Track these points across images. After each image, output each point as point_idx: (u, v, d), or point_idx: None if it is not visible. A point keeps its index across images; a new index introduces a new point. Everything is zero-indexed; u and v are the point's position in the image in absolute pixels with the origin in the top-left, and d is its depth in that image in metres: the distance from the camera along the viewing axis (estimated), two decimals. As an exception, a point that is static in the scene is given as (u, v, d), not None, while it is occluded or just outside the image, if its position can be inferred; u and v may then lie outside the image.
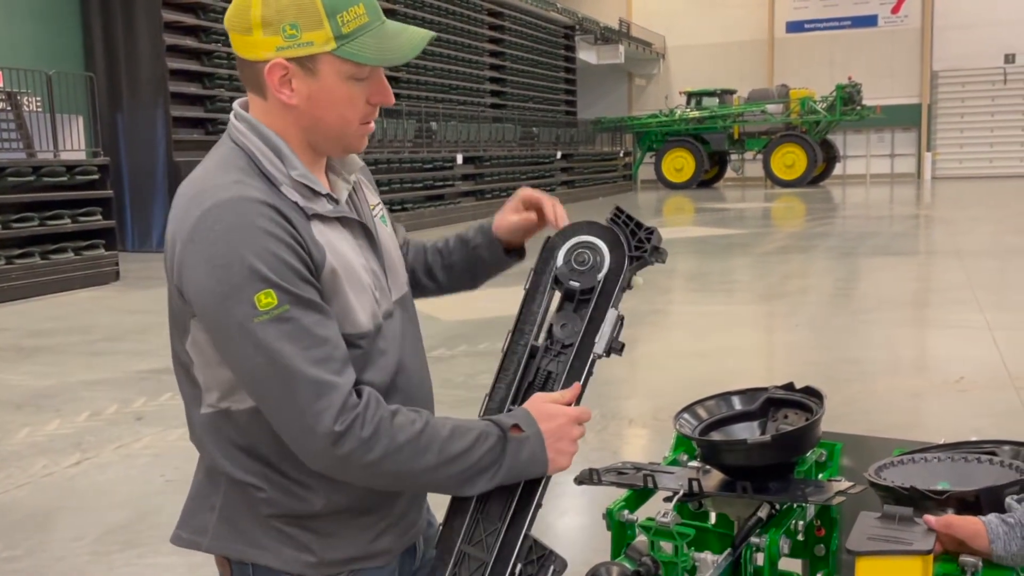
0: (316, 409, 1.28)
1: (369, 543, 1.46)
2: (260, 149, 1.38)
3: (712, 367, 6.67)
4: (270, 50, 1.34)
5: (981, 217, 18.09)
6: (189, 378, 1.42)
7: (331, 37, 1.33)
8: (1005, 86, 34.42)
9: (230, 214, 1.29)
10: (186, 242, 1.30)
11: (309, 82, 1.35)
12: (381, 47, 1.36)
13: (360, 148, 1.46)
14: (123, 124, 15.19)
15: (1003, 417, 5.20)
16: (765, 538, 1.63)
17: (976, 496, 1.45)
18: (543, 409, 1.43)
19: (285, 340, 1.27)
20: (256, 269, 1.27)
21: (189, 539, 1.48)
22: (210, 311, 1.29)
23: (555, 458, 1.42)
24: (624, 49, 34.07)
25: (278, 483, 1.40)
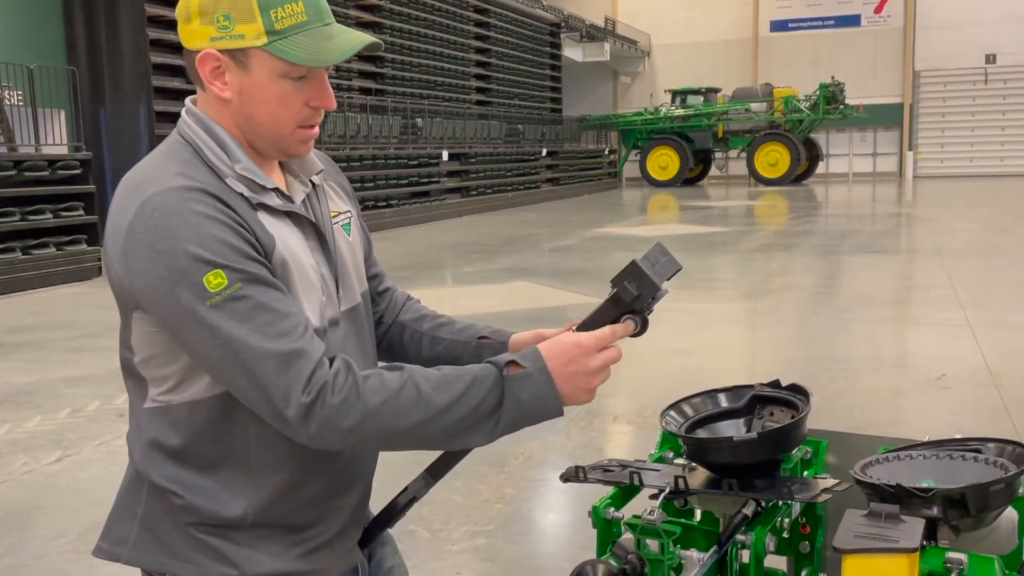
0: (282, 383, 1.24)
1: (298, 559, 1.40)
2: (204, 141, 1.36)
3: (696, 364, 6.68)
4: (204, 40, 1.32)
5: (961, 216, 18.22)
6: (133, 373, 1.40)
7: (263, 32, 1.30)
8: (986, 86, 34.71)
9: (169, 202, 1.26)
10: (127, 232, 1.27)
11: (241, 76, 1.33)
12: (314, 46, 1.32)
13: (301, 153, 1.42)
14: (106, 119, 15.08)
15: (984, 414, 5.24)
16: (751, 535, 1.63)
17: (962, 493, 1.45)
18: (551, 344, 1.36)
19: (241, 319, 1.24)
20: (199, 254, 1.24)
21: (109, 551, 1.44)
22: (160, 301, 1.26)
23: (572, 394, 1.35)
24: (609, 47, 34.12)
25: (197, 487, 1.36)
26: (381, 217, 17.88)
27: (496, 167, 24.08)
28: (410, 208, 19.36)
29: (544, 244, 15.07)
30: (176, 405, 1.36)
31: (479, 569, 3.51)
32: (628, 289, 1.41)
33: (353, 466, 1.48)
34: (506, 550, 3.66)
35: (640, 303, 1.42)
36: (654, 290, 1.42)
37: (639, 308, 1.43)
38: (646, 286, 1.41)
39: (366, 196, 17.97)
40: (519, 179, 25.46)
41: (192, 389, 1.35)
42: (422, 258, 13.25)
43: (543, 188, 26.99)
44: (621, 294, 1.41)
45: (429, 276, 11.29)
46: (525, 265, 12.26)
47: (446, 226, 18.75)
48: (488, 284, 10.52)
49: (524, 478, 4.42)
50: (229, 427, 1.36)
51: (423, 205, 19.96)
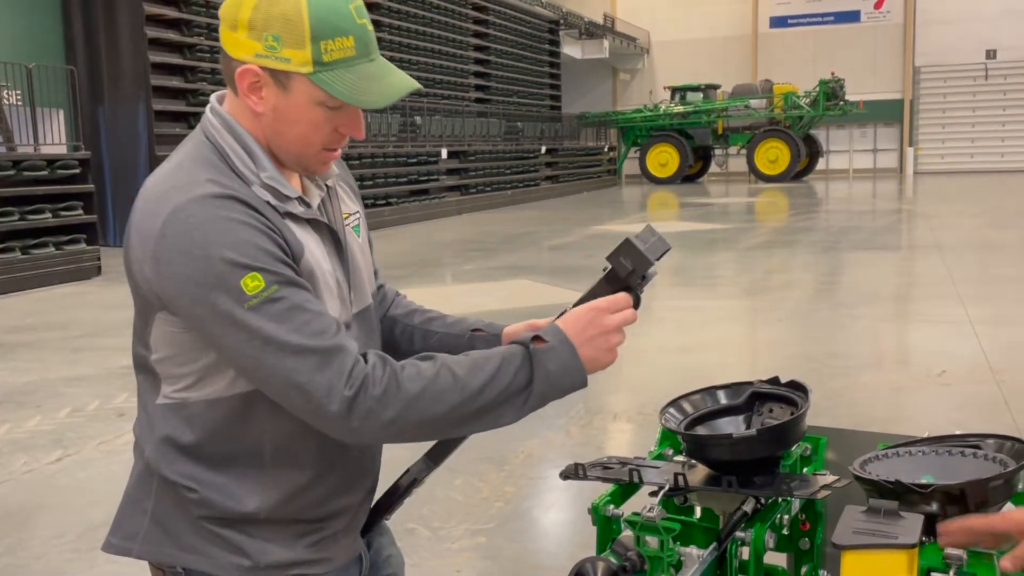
0: (323, 379, 1.26)
1: (306, 549, 1.42)
2: (232, 147, 1.37)
3: (696, 362, 6.68)
4: (248, 53, 1.32)
5: (962, 211, 18.22)
6: (147, 369, 1.40)
7: (309, 60, 1.31)
8: (986, 82, 34.69)
9: (202, 208, 1.27)
10: (159, 237, 1.28)
11: (278, 95, 1.34)
12: (357, 86, 1.32)
13: (320, 172, 1.44)
14: (104, 118, 15.07)
15: (985, 410, 5.24)
16: (750, 532, 1.62)
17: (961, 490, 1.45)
18: (567, 316, 1.40)
19: (278, 320, 1.26)
20: (234, 259, 1.25)
21: (120, 545, 1.45)
22: (195, 305, 1.27)
23: (595, 356, 1.39)
24: (608, 44, 34.10)
25: (211, 483, 1.38)
26: (380, 215, 17.88)
27: (495, 165, 24.07)
28: (409, 206, 19.35)
29: (544, 242, 15.07)
30: (193, 402, 1.37)
31: (479, 567, 3.51)
32: (623, 264, 1.45)
33: (362, 465, 1.50)
34: (506, 548, 3.66)
35: (633, 279, 1.46)
36: (647, 266, 1.46)
37: (632, 285, 1.47)
38: (640, 262, 1.45)
39: (365, 194, 17.96)
40: (518, 177, 25.46)
41: (210, 387, 1.36)
42: (421, 256, 13.25)
43: (542, 186, 26.98)
44: (617, 269, 1.45)
45: (428, 274, 11.29)
46: (524, 263, 12.26)
47: (445, 224, 18.75)
48: (487, 282, 10.51)
49: (524, 476, 4.42)
50: (245, 426, 1.37)
51: (422, 203, 19.95)
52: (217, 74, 16.35)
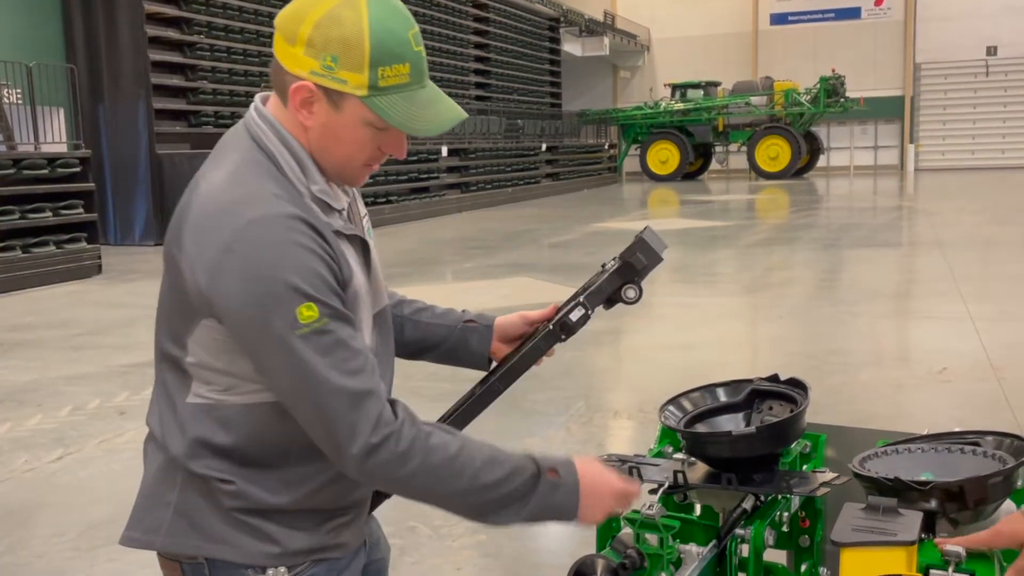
0: (352, 419, 1.31)
1: (326, 535, 1.47)
2: (284, 157, 1.39)
3: (697, 359, 6.68)
4: (304, 70, 1.34)
5: (963, 208, 18.21)
6: (178, 368, 1.42)
7: (365, 84, 1.33)
8: (987, 78, 34.64)
9: (272, 229, 1.30)
10: (224, 250, 1.30)
11: (329, 113, 1.36)
12: (410, 112, 1.36)
13: (357, 184, 1.49)
14: (105, 116, 15.07)
15: (985, 407, 5.24)
16: (750, 530, 1.63)
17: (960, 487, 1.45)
18: (591, 469, 1.46)
19: (322, 352, 1.30)
20: (297, 285, 1.29)
21: (142, 539, 1.46)
22: (249, 322, 1.30)
23: (589, 510, 1.45)
24: (609, 41, 34.06)
25: (246, 476, 1.41)
26: (380, 213, 17.87)
27: (495, 162, 24.05)
28: (409, 204, 19.35)
29: (544, 239, 15.07)
30: (227, 405, 1.40)
31: (480, 565, 3.51)
32: (640, 259, 1.62)
33: None
34: (507, 546, 3.66)
35: (643, 274, 1.63)
36: (657, 261, 1.63)
37: (639, 279, 1.63)
38: (652, 258, 1.63)
39: (366, 192, 17.91)
40: (519, 174, 25.44)
41: (247, 393, 1.39)
42: (422, 254, 13.24)
43: (543, 183, 26.97)
44: (633, 263, 1.62)
45: (429, 272, 11.28)
46: (525, 261, 12.26)
47: (445, 222, 18.74)
48: (488, 280, 10.51)
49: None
50: (278, 429, 1.41)
51: (422, 201, 19.95)
52: (218, 72, 16.36)
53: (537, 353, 1.67)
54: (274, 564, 1.42)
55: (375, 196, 18.32)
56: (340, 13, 1.31)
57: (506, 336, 1.75)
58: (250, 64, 17.03)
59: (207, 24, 16.08)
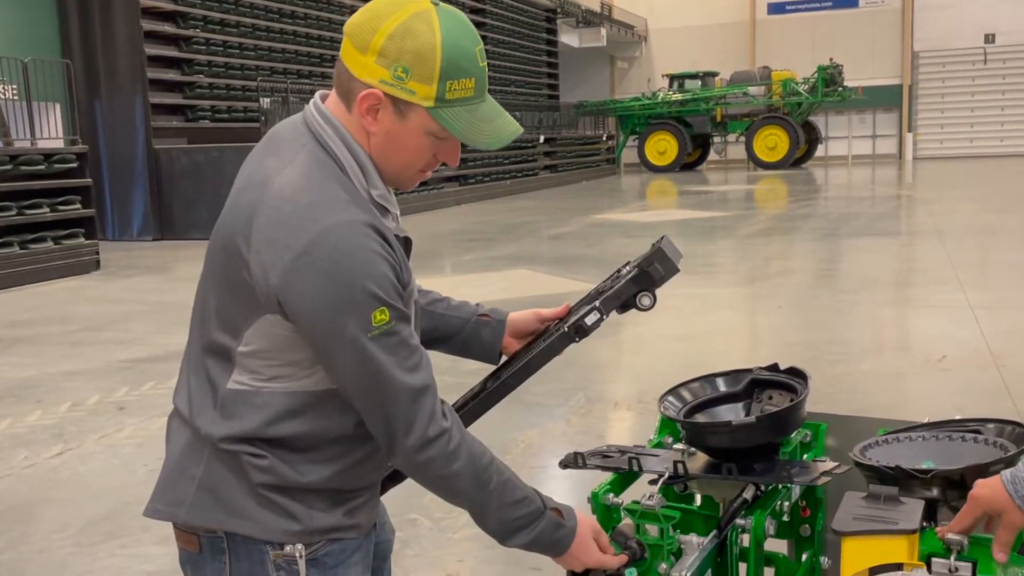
0: (410, 413, 1.40)
1: (344, 515, 1.51)
2: (348, 162, 1.44)
3: (696, 349, 6.68)
4: (374, 78, 1.38)
5: (961, 197, 18.20)
6: (223, 356, 1.46)
7: (433, 96, 1.39)
8: (985, 66, 34.58)
9: (351, 237, 1.36)
10: (303, 253, 1.34)
11: (394, 121, 1.41)
12: (472, 125, 1.43)
13: (409, 187, 1.55)
14: (101, 112, 15.03)
15: (986, 395, 5.24)
16: (751, 519, 1.62)
17: (961, 475, 1.45)
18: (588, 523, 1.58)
19: (389, 352, 1.38)
20: (373, 291, 1.36)
21: (165, 511, 1.51)
22: (324, 323, 1.36)
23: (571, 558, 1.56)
24: (606, 32, 33.98)
25: (280, 455, 1.46)
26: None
27: (494, 154, 24.01)
28: (407, 197, 19.29)
29: (543, 231, 15.06)
30: (268, 392, 1.45)
31: (481, 557, 3.51)
32: (658, 269, 1.65)
33: None
34: (508, 537, 3.66)
35: (660, 283, 1.67)
36: (674, 272, 1.66)
37: (655, 287, 1.67)
38: (669, 269, 1.66)
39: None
40: (517, 166, 25.40)
41: (292, 381, 1.45)
42: (421, 247, 13.15)
43: (541, 175, 26.94)
44: (651, 273, 1.65)
45: (428, 265, 11.27)
46: (524, 253, 12.25)
47: (444, 215, 18.73)
48: (488, 272, 10.51)
49: (524, 465, 4.42)
50: (314, 416, 1.46)
51: (420, 194, 19.91)
52: (215, 66, 16.32)
53: (551, 353, 1.69)
54: (292, 541, 1.46)
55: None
56: (414, 26, 1.36)
57: (518, 332, 1.78)
58: (246, 58, 16.99)
59: (203, 18, 16.04)
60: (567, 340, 1.67)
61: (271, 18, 17.70)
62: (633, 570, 1.55)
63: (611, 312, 1.67)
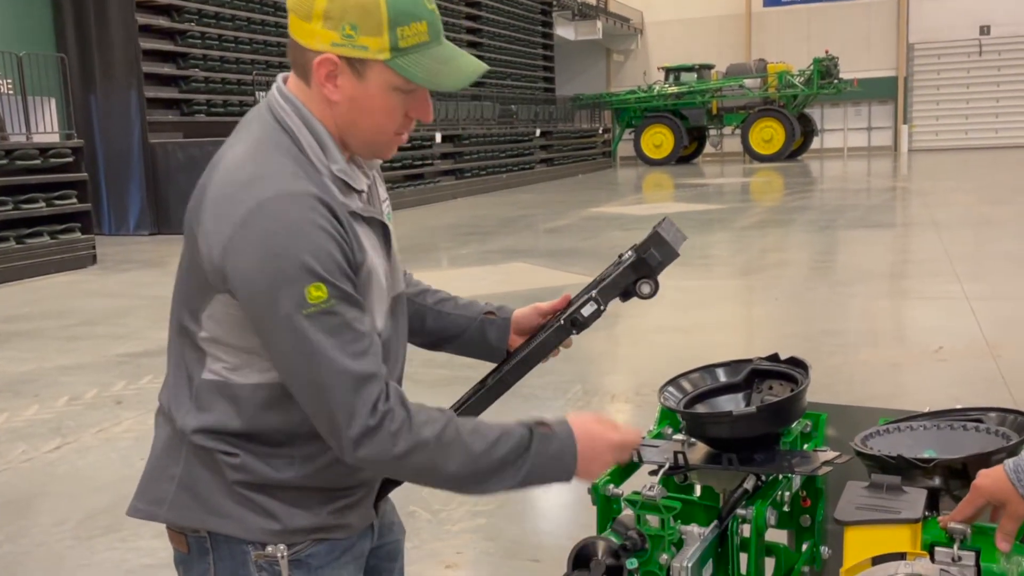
0: (350, 402, 1.32)
1: (330, 515, 1.48)
2: (304, 136, 1.40)
3: (694, 341, 6.69)
4: (325, 43, 1.35)
5: (957, 188, 18.21)
6: (193, 344, 1.43)
7: (386, 47, 1.34)
8: (980, 58, 34.56)
9: (288, 207, 1.31)
10: (240, 226, 1.31)
11: (354, 84, 1.37)
12: (433, 69, 1.37)
13: (387, 156, 1.49)
14: (97, 106, 14.99)
15: (982, 385, 5.25)
16: (751, 510, 1.62)
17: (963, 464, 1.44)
18: (584, 421, 1.47)
19: (329, 333, 1.31)
20: (309, 264, 1.29)
21: (146, 510, 1.49)
22: (259, 298, 1.31)
23: (584, 470, 1.46)
24: (602, 25, 33.91)
25: (252, 450, 1.42)
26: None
27: (490, 148, 23.97)
28: (404, 191, 19.29)
29: (539, 225, 15.05)
30: (238, 385, 1.41)
31: (480, 548, 3.52)
32: (654, 255, 1.59)
33: None
34: (507, 529, 3.66)
35: (659, 269, 1.60)
36: (673, 257, 1.60)
37: (654, 274, 1.60)
38: (668, 254, 1.60)
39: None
40: (513, 160, 25.37)
41: (256, 372, 1.40)
42: (417, 241, 13.22)
43: (537, 169, 26.91)
44: (648, 260, 1.59)
45: (425, 259, 11.26)
46: (521, 246, 12.24)
47: (441, 209, 18.70)
48: (484, 266, 10.50)
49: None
50: (286, 410, 1.41)
51: (417, 188, 19.89)
52: (210, 60, 16.26)
53: (547, 348, 1.66)
54: (273, 541, 1.43)
55: (369, 183, 18.27)
56: None
57: (521, 328, 1.75)
58: (242, 52, 16.93)
59: (198, 11, 15.98)
60: (564, 333, 1.65)
61: (266, 11, 17.63)
62: (634, 561, 1.55)
63: (610, 302, 1.64)
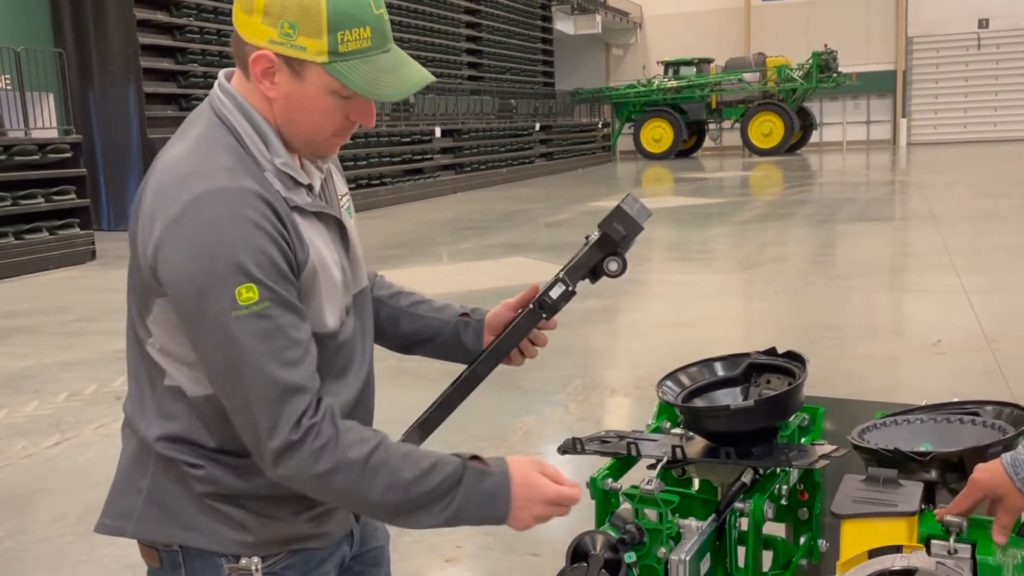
0: (276, 413, 1.26)
1: (305, 524, 1.43)
2: (246, 130, 1.35)
3: (693, 335, 6.69)
4: (263, 39, 1.30)
5: (955, 182, 18.20)
6: (144, 354, 1.39)
7: (325, 50, 1.29)
8: (979, 51, 34.52)
9: (223, 203, 1.26)
10: (171, 223, 1.26)
11: (292, 83, 1.32)
12: (372, 77, 1.31)
13: (329, 155, 1.43)
14: (95, 101, 14.96)
15: (981, 378, 5.26)
16: (749, 503, 1.63)
17: (960, 457, 1.45)
18: (524, 465, 1.39)
19: (259, 338, 1.25)
20: (242, 264, 1.24)
21: (113, 525, 1.44)
22: (188, 298, 1.26)
23: (516, 515, 1.38)
24: (601, 19, 33.85)
25: (216, 460, 1.38)
26: (375, 195, 17.82)
27: (489, 143, 23.95)
28: (404, 186, 19.29)
29: (539, 219, 15.04)
30: (192, 397, 1.37)
31: (479, 542, 3.52)
32: (618, 229, 1.52)
33: None
34: (506, 524, 3.67)
35: (623, 244, 1.53)
36: (638, 230, 1.53)
37: (621, 250, 1.53)
38: (631, 227, 1.53)
39: (359, 174, 17.89)
40: (513, 154, 25.35)
41: (204, 384, 1.35)
42: (417, 236, 13.21)
43: (537, 163, 26.89)
44: (611, 234, 1.53)
45: (424, 253, 11.26)
46: (521, 240, 12.24)
47: (440, 203, 18.70)
48: (484, 260, 10.50)
49: (523, 451, 4.43)
50: None
51: (417, 182, 19.88)
52: (208, 55, 16.23)
53: (519, 333, 1.63)
54: (247, 553, 1.39)
55: (369, 178, 18.27)
56: None
57: (494, 328, 1.71)
58: (240, 46, 16.89)
59: (196, 6, 15.94)
60: (534, 317, 1.62)
61: (264, 6, 17.58)
62: (632, 554, 1.55)
63: (578, 282, 1.60)
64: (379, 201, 17.75)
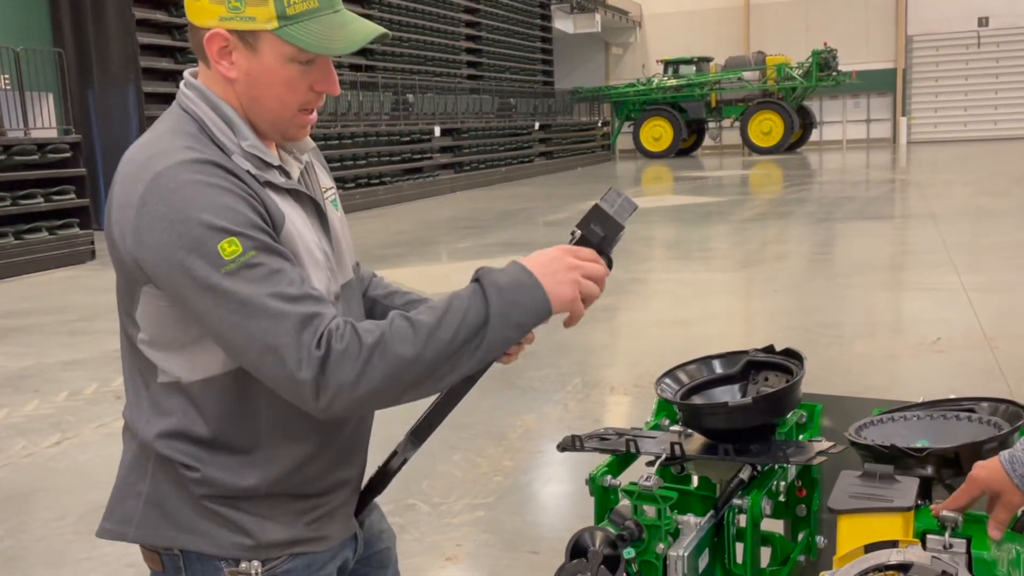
0: (299, 344, 1.23)
1: (306, 527, 1.43)
2: (210, 117, 1.36)
3: (692, 334, 6.70)
4: (213, 19, 1.32)
5: (955, 180, 18.20)
6: (137, 350, 1.40)
7: (273, 16, 1.31)
8: (979, 49, 34.52)
9: (185, 173, 1.27)
10: (139, 206, 1.27)
11: (249, 58, 1.33)
12: (325, 34, 1.32)
13: (299, 137, 1.43)
14: (94, 101, 14.96)
15: (979, 376, 5.26)
16: (747, 500, 1.64)
17: (956, 453, 1.46)
18: (530, 256, 1.38)
19: (256, 284, 1.24)
20: (212, 223, 1.24)
21: (114, 530, 1.44)
22: (176, 272, 1.26)
23: (554, 288, 1.33)
24: (600, 18, 33.85)
25: (213, 460, 1.37)
26: (374, 194, 17.82)
27: (489, 142, 23.96)
28: (403, 185, 19.29)
29: (539, 218, 15.05)
30: (187, 384, 1.37)
31: (480, 540, 3.53)
32: (595, 231, 1.45)
33: (354, 440, 1.50)
34: (506, 521, 3.68)
35: (605, 244, 1.46)
36: (618, 230, 1.46)
37: (604, 249, 1.46)
38: (611, 227, 1.45)
39: (358, 173, 17.90)
40: (512, 153, 25.36)
41: (202, 367, 1.35)
42: (416, 235, 13.21)
43: (536, 162, 26.90)
44: (588, 236, 1.46)
45: (424, 252, 11.26)
46: (520, 239, 12.24)
47: (440, 202, 18.70)
48: (483, 259, 10.50)
49: (522, 450, 4.44)
50: (241, 404, 1.37)
51: (416, 181, 19.89)
52: (207, 55, 16.24)
53: None
54: (247, 557, 1.38)
55: (368, 177, 18.27)
56: None
57: None
58: (239, 46, 16.89)
59: (195, 6, 15.94)
60: None
61: (264, 5, 17.59)
62: (631, 550, 1.56)
63: None
64: (378, 200, 17.75)
